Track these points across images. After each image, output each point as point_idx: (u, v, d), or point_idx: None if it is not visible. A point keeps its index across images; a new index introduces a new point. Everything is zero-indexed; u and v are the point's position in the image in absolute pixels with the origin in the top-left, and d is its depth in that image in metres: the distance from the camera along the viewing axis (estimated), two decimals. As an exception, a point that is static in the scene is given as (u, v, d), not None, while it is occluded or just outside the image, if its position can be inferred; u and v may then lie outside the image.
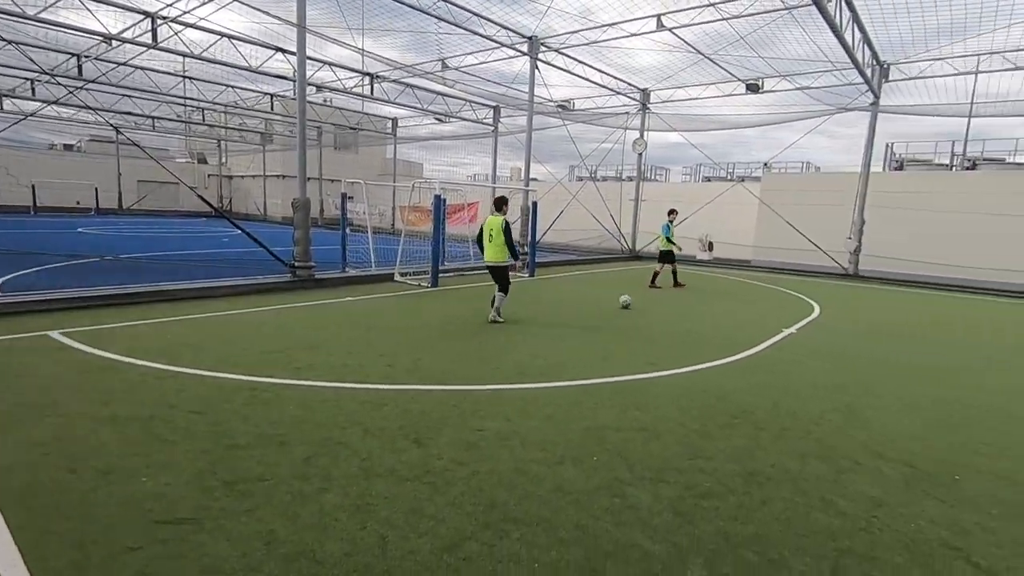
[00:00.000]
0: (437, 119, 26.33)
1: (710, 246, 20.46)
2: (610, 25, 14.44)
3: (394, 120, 29.30)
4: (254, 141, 36.29)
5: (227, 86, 22.74)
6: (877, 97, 16.21)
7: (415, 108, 23.64)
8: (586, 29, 15.02)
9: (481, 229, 8.23)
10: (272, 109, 25.77)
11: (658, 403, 4.91)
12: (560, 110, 21.75)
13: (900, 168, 22.10)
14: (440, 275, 12.30)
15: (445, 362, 5.96)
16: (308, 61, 19.04)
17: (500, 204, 8.25)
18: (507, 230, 7.98)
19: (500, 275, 8.15)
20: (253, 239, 10.49)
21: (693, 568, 2.64)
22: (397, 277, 11.89)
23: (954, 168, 21.05)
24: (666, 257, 12.75)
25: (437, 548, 2.70)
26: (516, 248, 8.30)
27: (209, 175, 42.87)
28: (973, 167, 19.91)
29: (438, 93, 22.75)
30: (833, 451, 4.06)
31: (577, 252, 20.93)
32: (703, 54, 15.84)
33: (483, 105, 24.87)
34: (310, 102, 25.60)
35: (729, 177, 27.28)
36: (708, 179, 28.91)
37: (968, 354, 7.50)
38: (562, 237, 22.31)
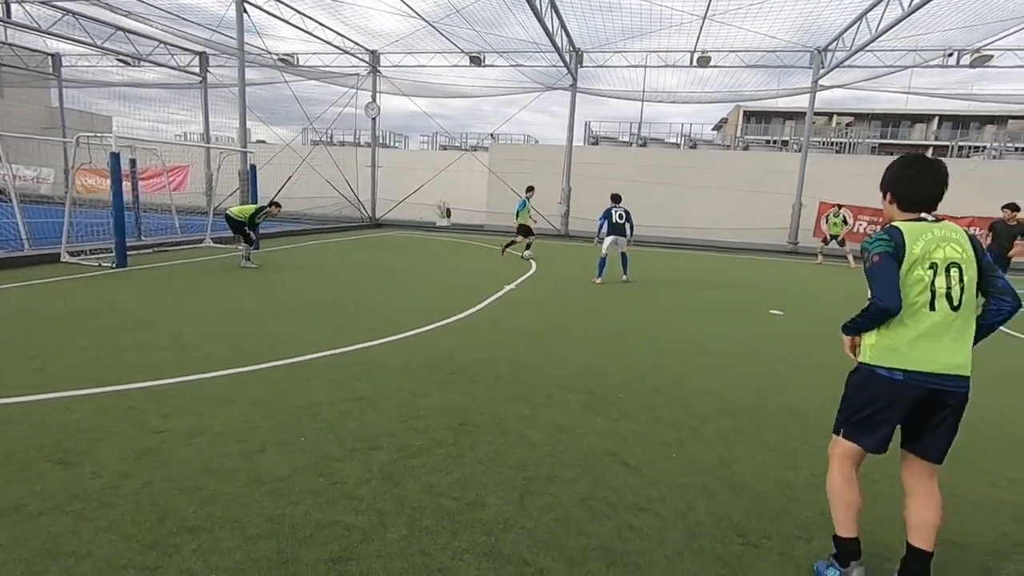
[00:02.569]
0: (121, 61, 21.36)
1: (448, 212, 21.35)
2: (327, -25, 13.43)
3: (55, 56, 22.77)
4: None
5: None
6: (575, 79, 18.70)
7: (85, 44, 18.69)
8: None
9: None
10: None
11: (381, 371, 4.84)
12: (283, 64, 19.70)
13: (596, 143, 26.19)
14: (133, 252, 10.20)
15: (128, 355, 4.88)
16: None
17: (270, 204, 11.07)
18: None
19: (236, 227, 10.15)
20: None
21: (394, 529, 2.63)
22: (65, 257, 9.37)
23: (633, 145, 25.84)
24: (523, 230, 13.15)
25: (74, 592, 2.14)
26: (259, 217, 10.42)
27: None
28: (644, 144, 24.73)
29: (118, 28, 18.36)
30: (534, 390, 4.54)
31: (312, 221, 19.57)
32: (427, 21, 15.97)
33: (186, 51, 21.06)
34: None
35: (462, 147, 28.67)
36: (445, 148, 29.95)
37: (639, 294, 9.29)
38: (296, 206, 20.61)
